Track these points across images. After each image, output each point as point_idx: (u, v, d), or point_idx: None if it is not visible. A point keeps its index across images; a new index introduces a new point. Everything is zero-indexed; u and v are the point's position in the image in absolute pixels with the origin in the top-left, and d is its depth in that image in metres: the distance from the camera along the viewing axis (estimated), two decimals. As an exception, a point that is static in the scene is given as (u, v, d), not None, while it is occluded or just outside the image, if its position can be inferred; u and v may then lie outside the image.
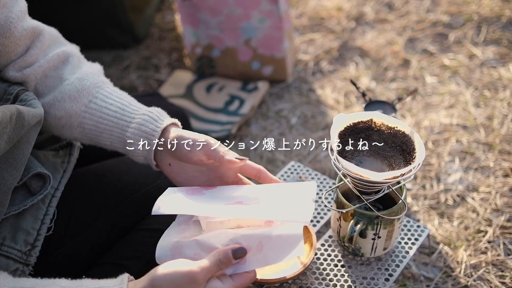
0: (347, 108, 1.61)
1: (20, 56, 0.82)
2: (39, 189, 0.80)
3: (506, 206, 1.25)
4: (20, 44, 0.81)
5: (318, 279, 0.89)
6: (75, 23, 1.85)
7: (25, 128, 0.74)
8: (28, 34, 0.81)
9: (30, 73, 0.82)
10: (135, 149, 0.81)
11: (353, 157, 0.87)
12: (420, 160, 0.79)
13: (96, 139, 0.85)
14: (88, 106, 0.83)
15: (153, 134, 0.79)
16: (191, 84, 1.74)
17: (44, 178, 0.81)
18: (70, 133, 0.86)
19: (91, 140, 0.86)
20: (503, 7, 1.93)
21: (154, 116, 0.81)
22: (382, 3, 2.04)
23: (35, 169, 0.79)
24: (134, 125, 0.81)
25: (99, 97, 0.83)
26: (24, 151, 0.76)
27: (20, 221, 0.79)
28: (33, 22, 0.83)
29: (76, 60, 0.87)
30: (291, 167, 1.11)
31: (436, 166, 1.37)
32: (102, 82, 0.86)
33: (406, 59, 1.76)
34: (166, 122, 0.81)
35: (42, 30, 0.84)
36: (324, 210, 1.01)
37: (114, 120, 0.82)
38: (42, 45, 0.83)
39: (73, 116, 0.83)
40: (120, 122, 0.82)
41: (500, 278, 1.11)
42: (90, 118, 0.83)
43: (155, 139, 0.79)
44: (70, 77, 0.84)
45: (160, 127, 0.80)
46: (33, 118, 0.75)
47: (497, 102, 1.55)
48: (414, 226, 0.98)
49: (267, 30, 1.62)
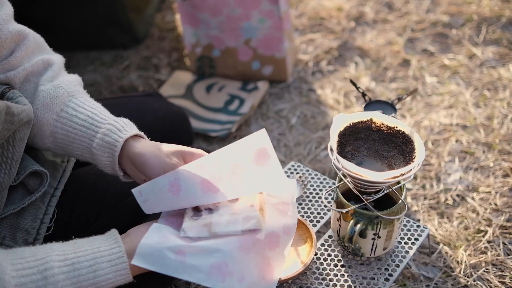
0: (347, 108, 1.61)
1: (5, 58, 0.82)
2: (37, 187, 0.80)
3: (506, 206, 1.25)
4: (4, 47, 0.81)
5: (318, 279, 0.89)
6: (75, 23, 1.85)
7: (15, 124, 0.74)
8: (14, 37, 0.81)
9: (14, 76, 0.82)
10: (101, 160, 0.81)
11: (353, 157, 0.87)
12: (420, 160, 0.79)
13: (67, 149, 0.84)
14: (60, 115, 0.82)
15: (115, 145, 0.79)
16: (191, 84, 1.74)
17: (41, 176, 0.81)
18: (42, 143, 0.85)
19: (64, 150, 0.85)
20: (503, 7, 1.93)
21: (119, 126, 0.81)
22: (382, 3, 2.04)
23: (31, 167, 0.79)
24: (99, 135, 0.80)
25: (71, 105, 0.83)
26: (18, 148, 0.76)
27: (19, 221, 0.79)
28: (19, 26, 0.83)
29: (57, 69, 0.87)
30: (291, 167, 1.11)
31: (436, 166, 1.37)
32: (77, 92, 0.85)
33: (406, 59, 1.76)
34: (130, 133, 0.80)
35: (28, 34, 0.84)
36: (324, 210, 1.01)
37: (83, 130, 0.81)
38: (27, 48, 0.83)
39: (44, 124, 0.82)
40: (88, 132, 0.81)
41: (500, 278, 1.11)
42: (61, 127, 0.82)
43: (117, 150, 0.79)
44: (46, 84, 0.84)
45: (123, 137, 0.79)
46: (23, 114, 0.75)
47: (497, 102, 1.56)
48: (414, 226, 0.98)
49: (267, 30, 1.62)
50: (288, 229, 0.78)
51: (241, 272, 0.73)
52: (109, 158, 0.80)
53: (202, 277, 0.71)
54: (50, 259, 0.67)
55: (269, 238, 0.75)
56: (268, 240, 0.75)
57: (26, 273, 0.65)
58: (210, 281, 0.71)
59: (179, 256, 0.71)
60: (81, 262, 0.69)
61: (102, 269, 0.69)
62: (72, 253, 0.69)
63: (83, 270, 0.68)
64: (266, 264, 0.75)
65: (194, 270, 0.71)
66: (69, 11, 1.83)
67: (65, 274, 0.67)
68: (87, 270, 0.69)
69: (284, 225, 0.78)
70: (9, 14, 0.81)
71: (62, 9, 1.82)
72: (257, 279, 0.74)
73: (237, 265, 0.72)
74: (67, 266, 0.68)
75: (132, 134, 0.80)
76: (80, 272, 0.68)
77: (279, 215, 0.79)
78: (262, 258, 0.75)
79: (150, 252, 0.71)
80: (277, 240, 0.76)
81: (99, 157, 0.81)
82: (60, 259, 0.68)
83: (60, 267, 0.67)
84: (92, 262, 0.69)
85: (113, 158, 0.80)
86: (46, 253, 0.68)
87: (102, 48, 1.94)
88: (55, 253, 0.68)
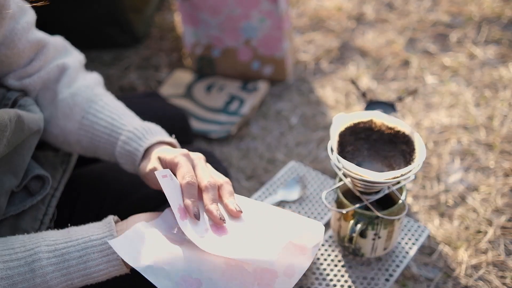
0: (347, 108, 1.61)
1: (23, 67, 0.82)
2: (38, 189, 0.80)
3: (506, 206, 1.25)
4: (23, 56, 0.80)
5: (318, 279, 0.89)
6: (75, 22, 1.85)
7: (25, 133, 0.73)
8: (33, 46, 0.81)
9: (29, 83, 0.82)
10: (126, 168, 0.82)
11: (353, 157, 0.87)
12: (420, 160, 0.79)
13: (96, 154, 0.85)
14: (82, 123, 0.82)
15: (136, 154, 0.78)
16: (191, 84, 1.74)
17: (44, 179, 0.81)
18: (73, 150, 0.86)
19: (94, 155, 0.86)
20: (503, 7, 1.93)
21: (139, 134, 0.80)
22: (383, 3, 2.04)
23: (33, 172, 0.78)
24: (120, 143, 0.80)
25: (91, 112, 0.82)
26: (25, 157, 0.76)
27: (19, 221, 0.79)
28: (39, 34, 0.83)
29: (73, 73, 0.85)
30: (291, 167, 1.11)
31: (436, 166, 1.37)
32: (95, 96, 0.84)
33: (406, 59, 1.76)
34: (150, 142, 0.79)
35: (47, 43, 0.84)
36: (324, 210, 1.01)
37: (105, 137, 0.81)
38: (46, 57, 0.83)
39: (68, 134, 0.83)
40: (110, 140, 0.81)
41: (500, 278, 1.11)
42: (84, 135, 0.82)
43: (138, 159, 0.78)
44: (64, 91, 0.83)
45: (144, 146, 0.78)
46: (33, 122, 0.75)
47: (498, 102, 1.55)
48: (414, 226, 0.97)
49: (267, 30, 1.62)
50: (292, 271, 0.65)
51: None
52: (132, 166, 0.80)
53: (168, 285, 0.63)
54: (39, 250, 0.65)
55: (263, 274, 0.64)
56: (260, 275, 0.64)
57: (14, 265, 0.64)
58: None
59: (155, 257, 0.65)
60: (71, 253, 0.66)
61: (92, 259, 0.66)
62: (63, 242, 0.67)
63: (73, 261, 0.66)
64: None
65: (162, 276, 0.63)
66: (69, 11, 1.83)
67: (54, 265, 0.65)
68: (77, 261, 0.66)
69: (288, 266, 0.65)
70: (30, 22, 0.80)
71: (62, 9, 1.82)
72: None
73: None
74: (56, 257, 0.66)
75: (153, 142, 0.79)
76: (69, 263, 0.66)
77: (289, 254, 0.66)
78: None
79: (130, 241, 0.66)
80: (273, 279, 0.64)
81: (123, 165, 0.81)
82: (49, 249, 0.66)
83: (49, 258, 0.65)
84: (83, 253, 0.66)
85: (135, 167, 0.79)
86: (36, 243, 0.66)
87: (102, 48, 1.94)
88: (45, 243, 0.66)
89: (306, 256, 0.67)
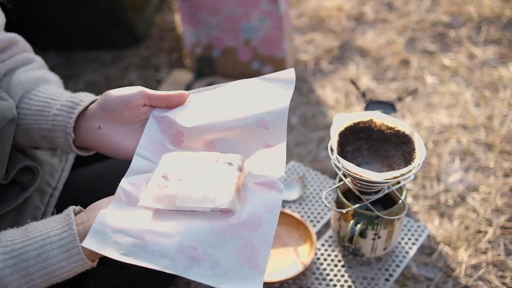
0: (347, 108, 1.61)
1: None
2: (30, 182, 0.80)
3: (506, 206, 1.25)
4: None
5: (318, 279, 0.89)
6: (75, 23, 1.85)
7: (1, 122, 0.72)
8: (4, 44, 0.80)
9: None
10: (57, 120, 0.74)
11: (353, 157, 0.87)
12: (420, 160, 0.79)
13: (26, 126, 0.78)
14: (30, 92, 0.78)
15: (79, 103, 0.74)
16: (190, 84, 1.74)
17: (33, 170, 0.80)
18: None
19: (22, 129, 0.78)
20: (503, 7, 1.93)
21: (83, 94, 0.76)
22: (382, 3, 2.04)
23: (21, 163, 0.77)
24: (64, 98, 0.76)
25: (44, 86, 0.79)
26: (5, 146, 0.74)
27: (18, 221, 0.79)
28: (9, 34, 0.82)
29: (37, 65, 0.84)
30: (291, 167, 1.11)
31: (436, 166, 1.37)
32: (54, 83, 0.82)
33: (406, 59, 1.76)
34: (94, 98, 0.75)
35: (18, 41, 0.83)
36: (324, 210, 1.01)
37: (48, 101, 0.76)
38: (14, 52, 0.82)
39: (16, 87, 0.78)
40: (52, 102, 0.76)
41: (500, 278, 1.11)
42: (26, 102, 0.77)
43: (80, 105, 0.73)
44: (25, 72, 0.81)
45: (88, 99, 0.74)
46: (7, 111, 0.73)
47: (497, 102, 1.55)
48: (414, 226, 0.97)
49: (267, 30, 1.62)
50: (272, 207, 0.66)
51: (214, 256, 0.61)
52: (66, 117, 0.73)
53: (166, 264, 0.60)
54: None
55: (249, 218, 0.64)
56: (247, 220, 0.64)
57: None
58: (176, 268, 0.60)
59: (137, 241, 0.61)
60: (29, 252, 0.62)
61: (52, 256, 0.62)
62: (20, 242, 0.63)
63: (31, 261, 0.62)
64: (248, 246, 0.63)
65: (156, 256, 0.60)
66: (69, 11, 1.83)
67: (11, 267, 0.61)
68: (35, 260, 0.62)
69: (265, 203, 0.66)
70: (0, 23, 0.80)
71: (62, 9, 1.82)
72: (238, 263, 0.62)
73: (208, 248, 0.61)
74: (13, 259, 0.61)
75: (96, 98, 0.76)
76: (28, 263, 0.62)
77: (260, 193, 0.67)
78: (242, 239, 0.63)
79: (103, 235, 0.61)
80: (259, 220, 0.65)
81: (57, 118, 0.74)
82: (5, 251, 0.62)
83: (5, 260, 0.61)
84: (41, 250, 0.62)
85: (71, 115, 0.73)
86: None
87: (102, 48, 1.94)
88: (1, 245, 0.62)
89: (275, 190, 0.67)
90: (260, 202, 0.66)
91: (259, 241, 0.63)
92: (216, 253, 0.61)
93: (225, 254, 0.61)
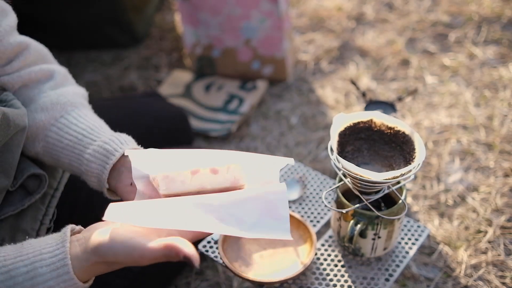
0: (347, 108, 1.61)
1: (1, 66, 0.80)
2: (36, 188, 0.80)
3: (506, 206, 1.25)
4: (3, 58, 0.78)
5: (318, 279, 0.89)
6: (75, 23, 1.85)
7: (11, 129, 0.72)
8: (14, 49, 0.79)
9: (7, 81, 0.80)
10: (90, 167, 0.75)
11: (353, 157, 0.87)
12: (420, 160, 0.79)
13: (56, 156, 0.79)
14: (58, 120, 0.79)
15: (113, 154, 0.74)
16: (190, 84, 1.74)
17: (40, 178, 0.80)
18: (33, 146, 0.80)
19: (52, 156, 0.80)
20: (503, 7, 1.93)
21: (120, 138, 0.76)
22: (382, 3, 2.04)
23: (29, 171, 0.77)
24: (98, 142, 0.76)
25: (72, 114, 0.79)
26: (14, 154, 0.74)
27: (19, 222, 0.79)
28: (21, 37, 0.81)
29: (60, 78, 0.84)
30: (291, 167, 1.11)
31: (436, 166, 1.37)
32: (80, 104, 0.82)
33: (406, 59, 1.76)
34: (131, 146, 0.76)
35: (29, 45, 0.82)
36: (324, 210, 1.01)
37: (79, 137, 0.77)
38: (26, 59, 0.81)
39: (40, 127, 0.79)
40: (84, 140, 0.77)
41: (500, 278, 1.11)
42: (56, 132, 0.78)
43: (114, 158, 0.74)
44: (48, 91, 0.81)
45: (123, 148, 0.74)
46: (18, 119, 0.73)
47: (498, 102, 1.55)
48: (414, 226, 0.97)
49: (267, 30, 1.62)
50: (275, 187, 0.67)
51: (236, 215, 0.62)
52: (100, 166, 0.75)
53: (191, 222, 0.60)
54: None
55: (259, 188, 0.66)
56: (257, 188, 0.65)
57: None
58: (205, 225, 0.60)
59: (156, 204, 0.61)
60: (18, 268, 0.60)
61: (40, 275, 0.60)
62: (12, 258, 0.61)
63: (19, 278, 0.59)
64: (266, 201, 0.64)
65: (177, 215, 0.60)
66: (69, 11, 1.83)
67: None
68: (23, 278, 0.59)
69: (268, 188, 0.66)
70: (11, 25, 0.79)
71: (62, 9, 1.82)
72: (262, 216, 0.63)
73: (230, 209, 0.62)
74: (2, 275, 0.60)
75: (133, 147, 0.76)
76: (15, 280, 0.59)
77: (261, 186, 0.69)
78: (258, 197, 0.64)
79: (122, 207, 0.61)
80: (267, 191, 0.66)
81: (90, 164, 0.75)
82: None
83: None
84: (30, 268, 0.60)
85: (105, 166, 0.74)
86: None
87: (102, 48, 1.94)
88: None
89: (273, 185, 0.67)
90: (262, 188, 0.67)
91: (275, 197, 0.65)
92: (238, 212, 0.63)
93: (247, 211, 0.63)
